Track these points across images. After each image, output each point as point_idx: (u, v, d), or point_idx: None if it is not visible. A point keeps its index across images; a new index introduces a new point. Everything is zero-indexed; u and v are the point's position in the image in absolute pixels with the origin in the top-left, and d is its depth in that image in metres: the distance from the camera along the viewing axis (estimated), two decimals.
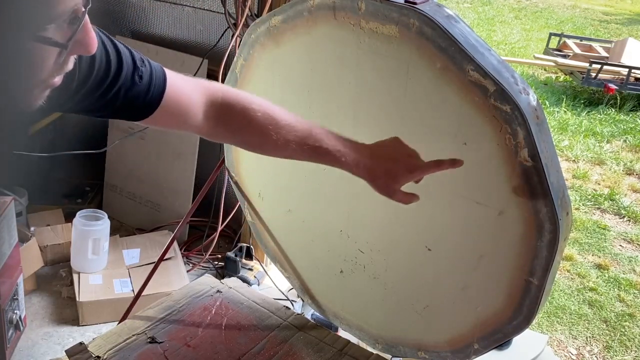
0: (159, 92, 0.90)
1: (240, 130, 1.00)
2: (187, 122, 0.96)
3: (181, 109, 0.94)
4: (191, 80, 0.98)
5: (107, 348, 1.27)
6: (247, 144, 1.05)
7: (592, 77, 5.64)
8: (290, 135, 0.99)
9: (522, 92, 0.98)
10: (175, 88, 0.92)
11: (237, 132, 1.01)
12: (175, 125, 0.97)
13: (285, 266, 1.59)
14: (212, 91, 0.98)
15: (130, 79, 0.87)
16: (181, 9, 2.70)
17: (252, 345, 1.32)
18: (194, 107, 0.95)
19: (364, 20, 1.10)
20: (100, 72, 0.83)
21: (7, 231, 1.92)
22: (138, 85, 0.88)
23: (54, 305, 2.34)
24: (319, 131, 1.00)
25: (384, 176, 1.01)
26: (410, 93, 1.09)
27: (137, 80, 0.88)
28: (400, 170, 1.00)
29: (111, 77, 0.85)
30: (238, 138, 1.04)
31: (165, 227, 2.79)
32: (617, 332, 2.66)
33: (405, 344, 1.35)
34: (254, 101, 0.99)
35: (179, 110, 0.93)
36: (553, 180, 0.98)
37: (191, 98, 0.95)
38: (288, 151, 1.01)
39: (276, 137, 0.98)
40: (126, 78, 0.86)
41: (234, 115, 0.98)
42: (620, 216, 3.79)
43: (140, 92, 0.88)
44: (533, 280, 1.05)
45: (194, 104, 0.95)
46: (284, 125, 0.99)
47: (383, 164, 1.00)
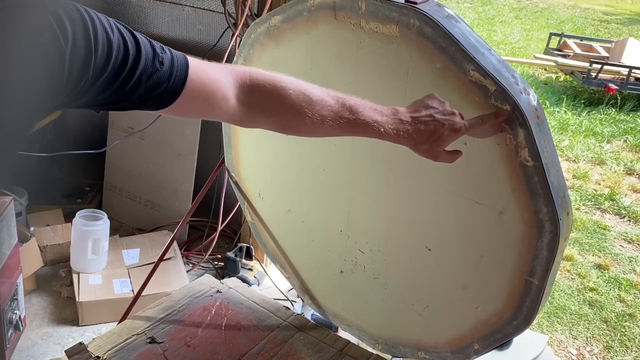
0: (181, 76, 0.85)
1: (274, 112, 0.95)
2: (215, 107, 0.91)
3: (207, 93, 0.88)
4: (217, 65, 0.93)
5: (106, 348, 1.27)
6: (282, 126, 0.99)
7: (592, 77, 5.64)
8: (325, 110, 0.94)
9: (523, 92, 0.98)
10: (200, 72, 0.87)
11: (271, 115, 0.96)
12: (203, 112, 0.93)
13: (285, 266, 1.59)
14: (240, 73, 0.93)
15: (150, 65, 0.83)
16: (181, 9, 2.70)
17: (252, 346, 1.32)
18: (222, 91, 0.90)
19: (364, 20, 1.09)
20: (118, 60, 0.80)
21: (7, 231, 1.92)
22: (159, 71, 0.83)
23: (54, 306, 2.34)
24: (354, 103, 0.95)
25: (427, 140, 0.95)
26: (411, 93, 1.09)
27: (158, 65, 0.83)
28: (445, 131, 0.94)
29: (130, 63, 0.81)
30: (273, 120, 0.98)
31: (165, 227, 2.79)
32: (618, 332, 2.66)
33: (405, 344, 1.35)
34: (284, 79, 0.94)
35: (205, 94, 0.88)
36: (553, 180, 0.98)
37: (218, 81, 0.90)
38: (324, 128, 0.95)
39: (311, 115, 0.93)
40: (146, 64, 0.82)
41: (266, 96, 0.93)
42: (621, 216, 3.79)
43: (162, 78, 0.84)
44: (533, 280, 1.05)
45: (221, 87, 0.90)
46: (317, 101, 0.93)
47: (425, 128, 0.94)
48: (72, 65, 0.74)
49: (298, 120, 0.94)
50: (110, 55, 0.79)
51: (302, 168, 1.38)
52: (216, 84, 0.89)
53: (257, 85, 0.93)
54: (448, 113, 0.95)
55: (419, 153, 0.98)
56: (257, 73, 0.94)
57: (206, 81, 0.88)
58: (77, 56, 0.74)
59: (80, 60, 0.74)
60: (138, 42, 0.83)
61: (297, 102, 0.93)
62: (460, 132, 0.96)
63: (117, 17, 0.83)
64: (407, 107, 0.97)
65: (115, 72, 0.80)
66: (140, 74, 0.82)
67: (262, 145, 1.46)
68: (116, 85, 0.81)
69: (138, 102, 0.85)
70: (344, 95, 0.95)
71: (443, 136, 0.95)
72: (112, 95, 0.82)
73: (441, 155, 0.98)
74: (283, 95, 0.93)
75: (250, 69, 0.95)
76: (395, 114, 0.95)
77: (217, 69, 0.92)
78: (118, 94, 0.82)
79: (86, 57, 0.75)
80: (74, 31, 0.73)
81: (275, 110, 0.95)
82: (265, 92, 0.93)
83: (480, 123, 0.98)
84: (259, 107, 0.94)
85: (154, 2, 2.76)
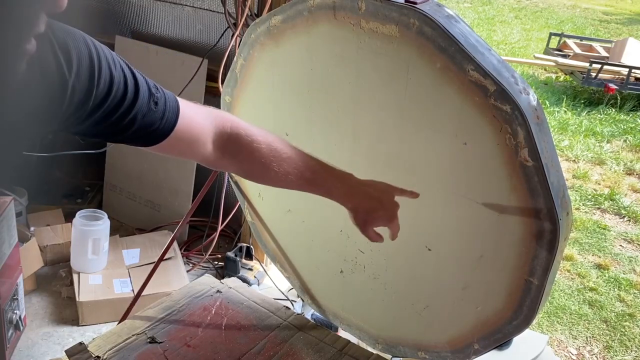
0: (172, 119, 0.90)
1: (245, 162, 1.03)
2: (195, 150, 0.97)
3: (192, 137, 0.95)
4: (202, 109, 0.99)
5: (107, 348, 1.27)
6: (249, 175, 1.09)
7: (592, 77, 5.64)
8: (291, 168, 1.03)
9: (523, 92, 0.98)
10: (188, 116, 0.93)
11: (242, 164, 1.04)
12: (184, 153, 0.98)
13: (285, 266, 1.59)
14: (222, 122, 0.99)
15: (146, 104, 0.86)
16: (181, 8, 2.70)
17: (252, 345, 1.32)
18: (204, 136, 0.97)
19: (364, 20, 1.09)
20: (117, 96, 0.83)
21: (7, 231, 1.92)
22: (153, 112, 0.87)
23: (54, 305, 2.34)
24: (315, 164, 1.06)
25: (365, 214, 1.08)
26: (410, 93, 1.09)
27: (153, 106, 0.87)
28: (381, 216, 1.08)
29: (128, 100, 0.84)
30: (242, 169, 1.06)
31: (165, 227, 2.79)
32: (617, 332, 2.66)
33: (405, 344, 1.35)
34: (259, 134, 1.02)
35: (190, 138, 0.94)
36: (553, 180, 0.98)
37: (202, 127, 0.96)
38: (286, 182, 1.05)
39: (277, 170, 1.02)
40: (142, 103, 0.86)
41: (241, 147, 1.00)
42: (621, 216, 3.79)
43: (155, 118, 0.88)
44: (533, 280, 1.05)
45: (204, 133, 0.97)
46: (285, 159, 1.03)
47: (367, 203, 1.07)
48: (74, 95, 0.77)
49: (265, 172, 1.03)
50: (111, 91, 0.82)
51: None
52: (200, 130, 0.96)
53: (235, 135, 1.00)
54: (392, 204, 1.08)
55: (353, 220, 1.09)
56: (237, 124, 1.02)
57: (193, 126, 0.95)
58: (79, 87, 0.77)
59: (81, 91, 0.78)
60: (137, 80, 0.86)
61: (268, 156, 1.02)
62: (394, 224, 1.09)
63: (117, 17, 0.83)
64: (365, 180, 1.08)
65: (113, 107, 0.83)
66: (136, 112, 0.86)
67: None
68: (112, 119, 0.84)
69: (130, 138, 0.89)
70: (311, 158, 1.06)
71: (377, 219, 1.08)
72: (107, 128, 0.86)
73: (369, 232, 1.10)
74: (257, 149, 1.01)
75: (232, 118, 1.03)
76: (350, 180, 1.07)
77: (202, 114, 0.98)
78: (113, 127, 0.86)
79: (88, 90, 0.78)
80: (79, 63, 0.76)
81: (246, 161, 1.03)
82: (242, 143, 1.01)
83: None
84: (233, 156, 1.02)
85: (154, 2, 2.76)
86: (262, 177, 1.07)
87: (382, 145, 1.19)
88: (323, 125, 1.28)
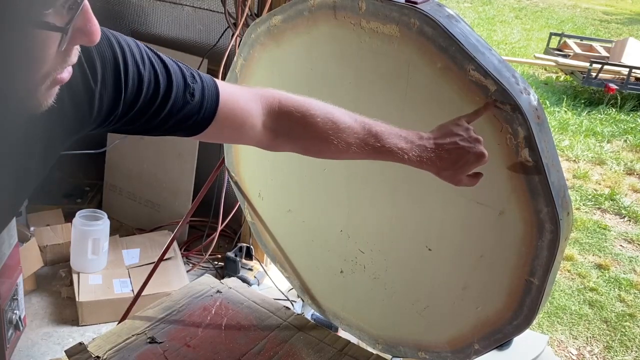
0: (212, 107, 0.86)
1: (300, 139, 0.96)
2: (244, 134, 0.92)
3: (236, 122, 0.90)
4: (246, 91, 0.94)
5: (106, 348, 1.27)
6: (308, 151, 1.01)
7: (592, 77, 5.64)
8: (351, 138, 0.95)
9: (523, 92, 0.98)
10: (230, 102, 0.88)
11: (297, 141, 0.97)
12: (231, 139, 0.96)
13: (285, 266, 1.59)
14: (269, 100, 0.94)
15: (181, 97, 0.83)
16: (181, 8, 2.70)
17: (252, 345, 1.32)
18: (251, 119, 0.91)
19: (365, 20, 1.09)
20: (149, 93, 0.80)
21: (7, 231, 1.92)
22: (190, 104, 0.84)
23: (54, 306, 2.34)
24: (379, 129, 0.95)
25: (451, 167, 0.95)
26: (411, 93, 1.09)
27: (189, 98, 0.84)
28: (469, 159, 0.95)
29: (161, 97, 0.81)
30: (299, 145, 0.99)
31: (165, 227, 2.79)
32: (618, 332, 2.66)
33: (405, 344, 1.35)
34: (313, 106, 0.95)
35: (234, 123, 0.90)
36: (554, 180, 0.98)
37: (247, 110, 0.91)
38: (349, 153, 0.96)
39: (337, 142, 0.94)
40: (177, 97, 0.82)
41: (294, 124, 0.94)
42: (621, 216, 3.79)
43: (193, 110, 0.84)
44: (533, 280, 1.05)
45: (250, 116, 0.91)
46: (344, 129, 0.94)
47: (448, 156, 0.95)
48: (102, 103, 0.75)
49: (324, 146, 0.95)
50: (141, 91, 0.79)
51: (302, 168, 1.38)
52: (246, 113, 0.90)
53: (285, 112, 0.93)
54: (473, 140, 0.94)
55: (442, 178, 0.98)
56: (285, 100, 0.94)
57: (236, 112, 0.89)
58: (106, 95, 0.75)
59: (109, 98, 0.76)
60: (170, 73, 0.82)
61: (324, 129, 0.93)
62: (484, 160, 0.95)
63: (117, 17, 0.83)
64: (432, 132, 0.97)
65: (145, 106, 0.80)
66: (171, 107, 0.82)
67: None
68: (146, 117, 0.82)
69: (168, 131, 0.86)
70: (371, 122, 0.96)
71: (467, 164, 0.95)
72: (143, 126, 0.83)
73: (463, 181, 0.97)
74: (311, 123, 0.93)
75: (280, 94, 0.95)
76: (420, 140, 0.95)
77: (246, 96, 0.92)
78: (148, 125, 0.83)
79: (115, 95, 0.76)
80: (104, 71, 0.74)
81: (302, 137, 0.95)
82: (294, 119, 0.93)
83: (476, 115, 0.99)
84: (287, 134, 0.95)
85: (154, 2, 2.76)
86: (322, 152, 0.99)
87: None
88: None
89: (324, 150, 0.97)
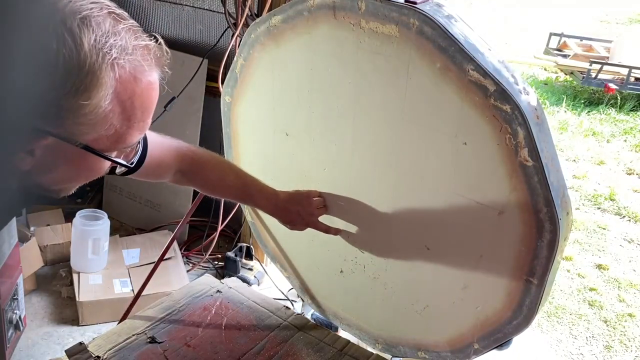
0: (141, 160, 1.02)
1: (197, 184, 1.32)
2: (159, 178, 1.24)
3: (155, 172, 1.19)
4: (166, 147, 1.19)
5: (107, 348, 1.27)
6: (200, 189, 1.37)
7: (592, 77, 5.64)
8: (231, 191, 1.35)
9: (523, 92, 0.98)
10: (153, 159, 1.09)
11: (194, 185, 1.34)
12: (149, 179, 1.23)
13: (285, 266, 1.59)
14: (181, 155, 1.22)
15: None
16: (181, 8, 2.70)
17: (252, 345, 1.32)
18: (166, 169, 1.21)
19: (364, 20, 1.09)
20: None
21: (7, 231, 1.92)
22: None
23: (54, 305, 2.34)
24: (253, 189, 1.33)
25: (288, 223, 1.36)
26: (410, 93, 1.09)
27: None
28: (300, 223, 1.35)
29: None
30: (193, 187, 1.36)
31: (165, 227, 2.79)
32: (617, 332, 2.66)
33: (405, 344, 1.35)
34: (215, 163, 1.31)
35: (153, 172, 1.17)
36: (553, 180, 0.98)
37: (165, 164, 1.19)
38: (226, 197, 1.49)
39: (220, 191, 1.38)
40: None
41: (195, 175, 1.27)
42: (621, 216, 3.79)
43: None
44: (533, 280, 1.05)
45: (166, 167, 1.20)
46: (230, 186, 1.32)
47: (288, 217, 1.34)
48: None
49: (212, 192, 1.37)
50: None
51: (302, 168, 1.38)
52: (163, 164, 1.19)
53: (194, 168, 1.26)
54: (308, 214, 1.33)
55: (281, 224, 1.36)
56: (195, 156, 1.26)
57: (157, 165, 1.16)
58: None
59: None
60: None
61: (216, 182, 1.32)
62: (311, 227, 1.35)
63: None
64: (287, 196, 1.33)
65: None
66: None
67: (262, 145, 1.46)
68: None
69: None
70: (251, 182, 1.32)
71: (298, 225, 1.35)
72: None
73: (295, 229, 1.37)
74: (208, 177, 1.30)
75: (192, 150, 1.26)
76: (276, 200, 1.33)
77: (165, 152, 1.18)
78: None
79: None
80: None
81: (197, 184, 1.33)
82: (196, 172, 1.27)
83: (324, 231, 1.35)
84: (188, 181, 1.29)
85: (154, 2, 2.76)
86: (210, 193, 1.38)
87: (382, 145, 1.19)
88: (323, 125, 1.28)
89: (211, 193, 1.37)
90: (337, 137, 1.27)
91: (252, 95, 1.41)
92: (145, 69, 0.73)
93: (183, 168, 1.23)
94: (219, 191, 1.38)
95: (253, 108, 1.42)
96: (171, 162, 1.21)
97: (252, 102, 1.42)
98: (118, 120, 0.71)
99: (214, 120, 1.94)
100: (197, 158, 1.27)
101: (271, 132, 1.40)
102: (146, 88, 0.74)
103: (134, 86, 0.71)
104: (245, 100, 1.43)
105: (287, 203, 1.33)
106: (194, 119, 2.67)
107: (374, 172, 1.23)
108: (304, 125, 1.32)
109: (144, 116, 0.76)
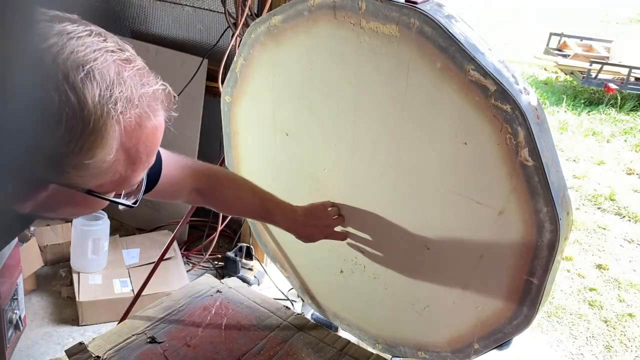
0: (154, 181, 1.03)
1: (214, 202, 1.29)
2: (174, 198, 1.22)
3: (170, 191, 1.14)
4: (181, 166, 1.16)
5: (106, 348, 1.27)
6: (217, 209, 1.36)
7: (592, 77, 5.64)
8: (248, 209, 1.32)
9: (523, 92, 0.98)
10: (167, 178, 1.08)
11: (211, 204, 1.30)
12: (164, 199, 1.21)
13: (285, 266, 1.59)
14: (197, 173, 1.20)
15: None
16: (181, 8, 2.70)
17: (252, 345, 1.32)
18: (182, 188, 1.18)
19: (365, 20, 1.09)
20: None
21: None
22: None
23: (54, 305, 2.34)
24: (270, 205, 1.30)
25: (305, 238, 1.34)
26: (411, 93, 1.09)
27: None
28: (318, 237, 1.34)
29: None
30: (210, 206, 1.32)
31: (165, 227, 2.79)
32: (617, 332, 2.66)
33: (405, 344, 1.35)
34: (231, 181, 1.30)
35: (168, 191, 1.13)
36: (553, 179, 0.98)
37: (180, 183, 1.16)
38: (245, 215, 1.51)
39: (238, 209, 1.34)
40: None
41: (212, 193, 1.25)
42: (621, 216, 3.79)
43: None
44: (533, 280, 1.05)
45: (181, 185, 1.17)
46: (248, 203, 1.29)
47: (306, 231, 1.33)
48: None
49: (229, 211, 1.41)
50: None
51: (302, 168, 1.38)
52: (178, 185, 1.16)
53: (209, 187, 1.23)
54: (325, 226, 1.33)
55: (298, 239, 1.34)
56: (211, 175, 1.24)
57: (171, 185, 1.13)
58: None
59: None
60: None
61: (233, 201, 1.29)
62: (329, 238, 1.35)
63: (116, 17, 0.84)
64: (304, 210, 1.32)
65: None
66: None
67: (262, 145, 1.46)
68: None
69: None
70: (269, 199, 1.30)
71: (316, 238, 1.34)
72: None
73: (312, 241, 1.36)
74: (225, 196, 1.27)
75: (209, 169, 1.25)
76: (294, 215, 1.31)
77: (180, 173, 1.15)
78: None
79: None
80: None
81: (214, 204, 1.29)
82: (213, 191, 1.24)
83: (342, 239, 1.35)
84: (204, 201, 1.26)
85: (154, 2, 2.76)
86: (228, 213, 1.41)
87: (382, 145, 1.19)
88: (323, 125, 1.28)
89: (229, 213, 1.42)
90: (338, 137, 1.26)
91: (252, 95, 1.41)
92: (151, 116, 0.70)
93: (199, 186, 1.20)
94: (236, 209, 1.34)
95: (253, 108, 1.42)
96: (186, 180, 1.17)
97: (252, 102, 1.41)
98: (123, 167, 0.70)
99: (214, 120, 1.94)
100: (212, 175, 1.23)
101: (271, 132, 1.40)
102: (151, 133, 0.72)
103: (139, 134, 0.69)
104: (245, 100, 1.43)
105: (306, 218, 1.31)
106: (194, 119, 2.67)
107: (374, 171, 1.23)
108: (304, 125, 1.32)
109: (150, 158, 0.74)
